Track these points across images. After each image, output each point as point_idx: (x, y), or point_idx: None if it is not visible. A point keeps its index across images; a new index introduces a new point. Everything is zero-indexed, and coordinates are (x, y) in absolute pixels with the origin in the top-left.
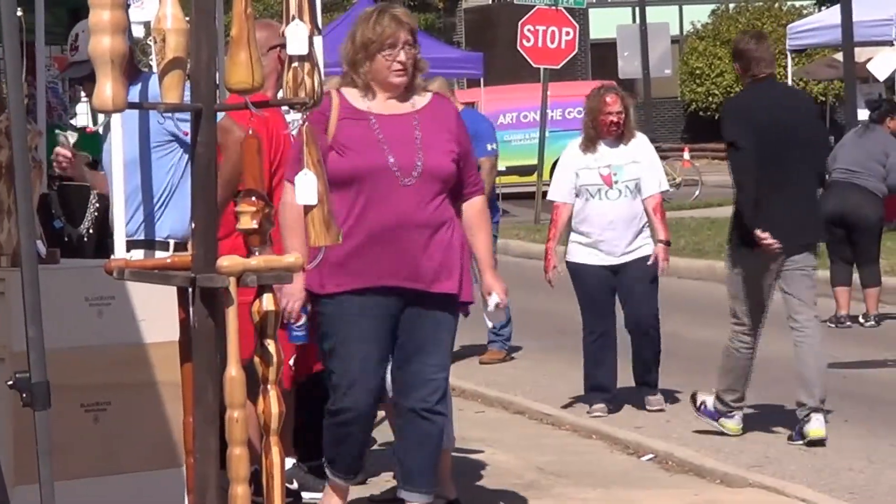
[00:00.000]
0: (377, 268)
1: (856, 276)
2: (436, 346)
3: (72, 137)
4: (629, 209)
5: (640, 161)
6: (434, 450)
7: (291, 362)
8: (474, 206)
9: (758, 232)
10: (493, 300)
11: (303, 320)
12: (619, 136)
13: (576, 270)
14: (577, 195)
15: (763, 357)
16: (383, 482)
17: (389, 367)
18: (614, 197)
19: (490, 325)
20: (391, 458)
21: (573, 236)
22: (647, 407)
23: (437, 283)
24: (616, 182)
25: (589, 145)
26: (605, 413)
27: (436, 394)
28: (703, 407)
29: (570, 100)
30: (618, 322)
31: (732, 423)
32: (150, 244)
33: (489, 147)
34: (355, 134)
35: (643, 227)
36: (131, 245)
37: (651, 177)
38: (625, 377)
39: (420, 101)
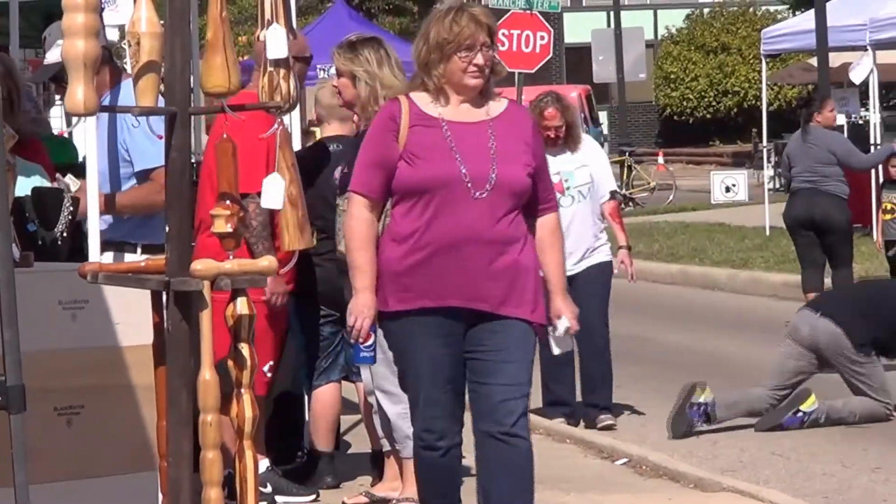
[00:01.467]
0: (442, 286)
1: (829, 280)
2: (506, 366)
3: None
4: (582, 214)
5: (588, 164)
6: (521, 478)
7: (266, 368)
8: (547, 225)
9: None
10: (563, 325)
11: (371, 340)
12: (564, 145)
13: None
14: None
15: (735, 360)
16: (357, 486)
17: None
18: (567, 203)
19: (557, 351)
20: (367, 461)
21: None
22: (598, 424)
23: (505, 306)
24: (568, 188)
25: None
26: (565, 422)
27: (511, 416)
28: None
29: None
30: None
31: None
32: (120, 246)
33: None
34: (427, 141)
35: (599, 232)
36: (106, 248)
37: (603, 181)
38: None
39: (496, 107)
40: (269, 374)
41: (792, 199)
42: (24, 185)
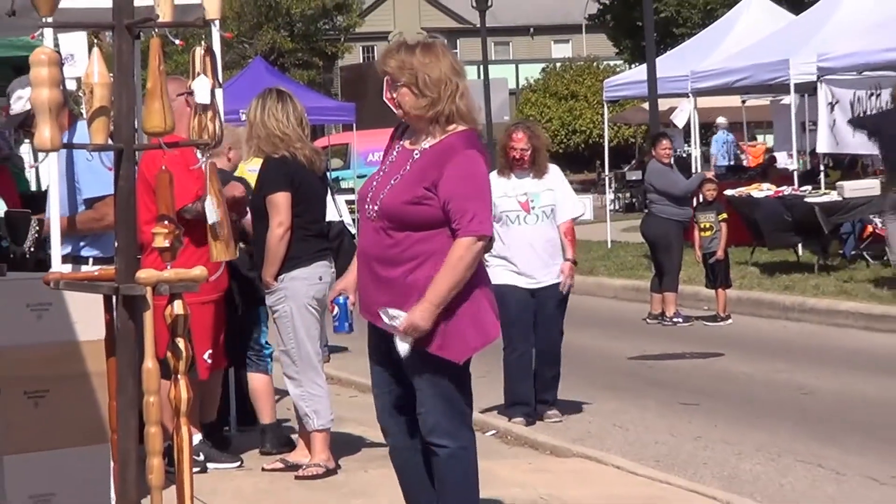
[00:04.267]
0: (361, 297)
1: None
2: (409, 380)
3: None
4: (545, 233)
5: (554, 189)
6: (447, 481)
7: (206, 356)
8: (454, 247)
9: None
10: (394, 318)
11: (335, 311)
12: (531, 169)
13: (499, 293)
14: (497, 221)
15: (585, 349)
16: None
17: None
18: (532, 222)
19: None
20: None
21: (494, 261)
22: (546, 419)
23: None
24: (533, 208)
25: (503, 173)
26: (524, 425)
27: (423, 428)
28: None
29: None
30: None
31: None
32: (76, 260)
33: None
34: (383, 161)
35: (559, 251)
36: (64, 260)
37: (565, 204)
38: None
39: (432, 141)
40: (209, 361)
41: (643, 220)
42: None
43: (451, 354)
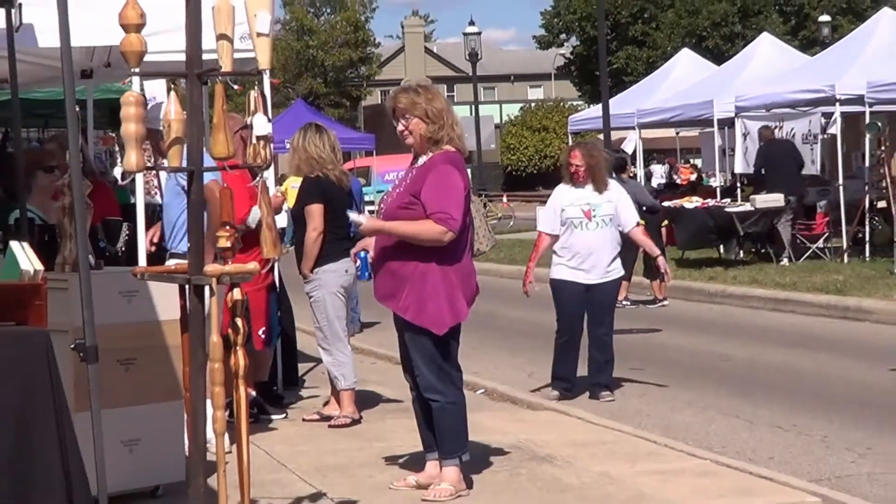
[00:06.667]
0: (375, 282)
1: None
2: (410, 350)
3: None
4: (604, 238)
5: (613, 201)
6: (441, 427)
7: (261, 332)
8: (427, 220)
9: None
10: (354, 217)
11: (357, 263)
12: (591, 182)
13: (558, 286)
14: (562, 226)
15: (553, 327)
16: (312, 408)
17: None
18: (593, 228)
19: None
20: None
21: (557, 259)
22: (601, 399)
23: (385, 299)
24: (594, 216)
25: (569, 185)
26: (557, 398)
27: (420, 386)
28: None
29: None
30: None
31: None
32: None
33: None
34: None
35: (616, 254)
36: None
37: (627, 214)
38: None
39: (424, 160)
40: (262, 336)
41: None
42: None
43: (433, 327)
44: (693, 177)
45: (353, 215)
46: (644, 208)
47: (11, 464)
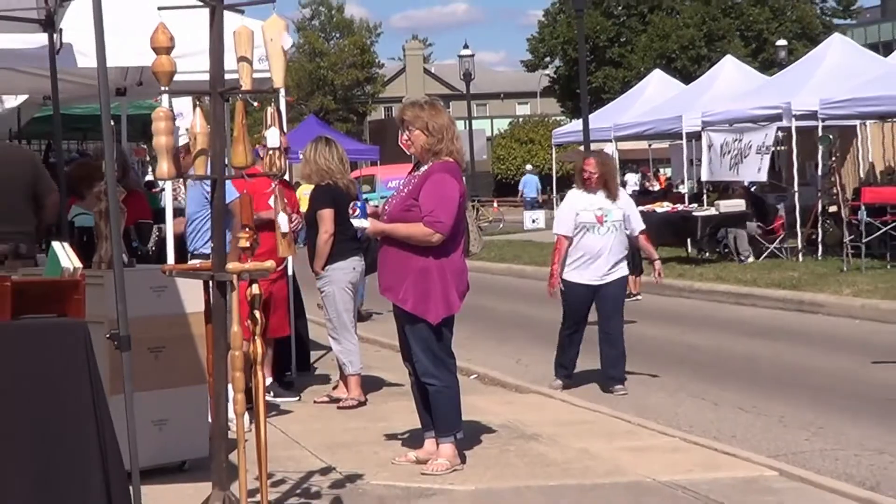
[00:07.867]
0: (380, 276)
1: None
2: (408, 339)
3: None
4: (613, 241)
5: (623, 208)
6: (437, 408)
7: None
8: (420, 224)
9: None
10: (357, 223)
11: (356, 212)
12: (603, 189)
13: (567, 287)
14: (575, 228)
15: (540, 320)
16: (323, 391)
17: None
18: (603, 232)
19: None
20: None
21: (568, 259)
22: (614, 392)
23: (387, 292)
24: (606, 221)
25: (582, 191)
26: (560, 387)
27: (418, 370)
28: None
29: None
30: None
31: None
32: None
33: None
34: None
35: (623, 256)
36: (193, 256)
37: (634, 220)
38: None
39: (424, 168)
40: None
41: None
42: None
43: (429, 317)
44: (664, 184)
45: (356, 221)
46: None
47: (56, 439)
